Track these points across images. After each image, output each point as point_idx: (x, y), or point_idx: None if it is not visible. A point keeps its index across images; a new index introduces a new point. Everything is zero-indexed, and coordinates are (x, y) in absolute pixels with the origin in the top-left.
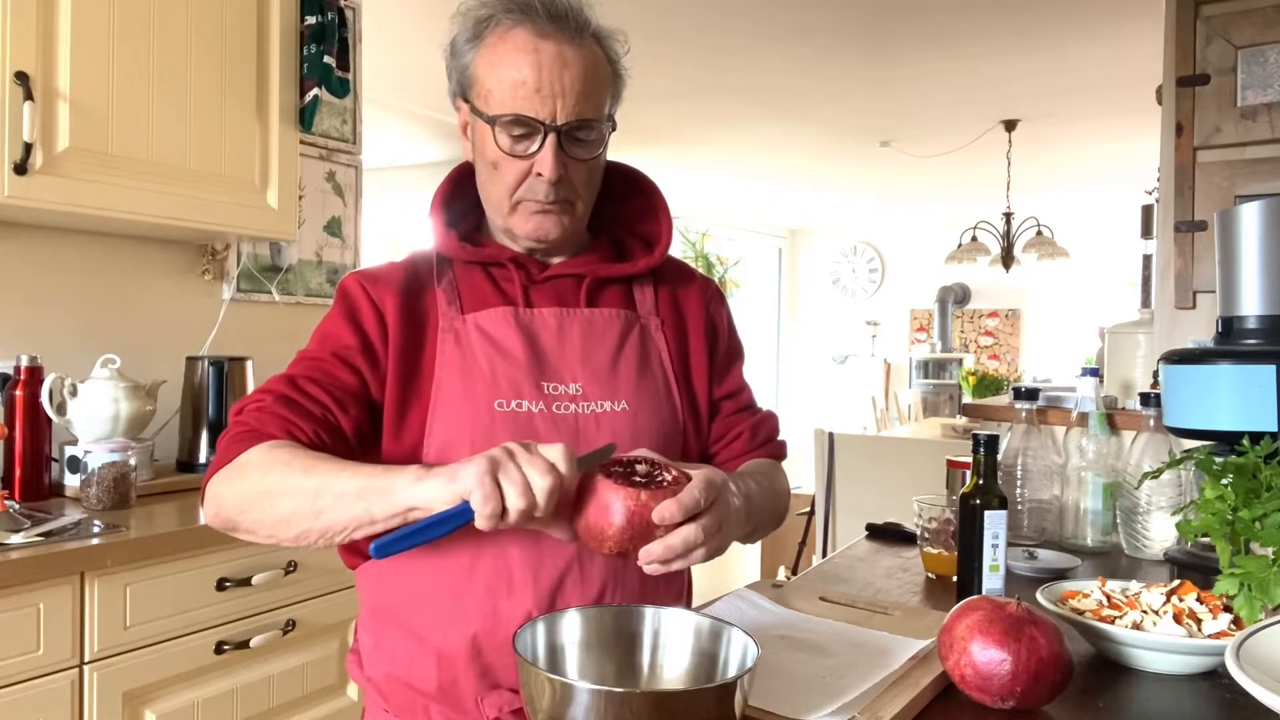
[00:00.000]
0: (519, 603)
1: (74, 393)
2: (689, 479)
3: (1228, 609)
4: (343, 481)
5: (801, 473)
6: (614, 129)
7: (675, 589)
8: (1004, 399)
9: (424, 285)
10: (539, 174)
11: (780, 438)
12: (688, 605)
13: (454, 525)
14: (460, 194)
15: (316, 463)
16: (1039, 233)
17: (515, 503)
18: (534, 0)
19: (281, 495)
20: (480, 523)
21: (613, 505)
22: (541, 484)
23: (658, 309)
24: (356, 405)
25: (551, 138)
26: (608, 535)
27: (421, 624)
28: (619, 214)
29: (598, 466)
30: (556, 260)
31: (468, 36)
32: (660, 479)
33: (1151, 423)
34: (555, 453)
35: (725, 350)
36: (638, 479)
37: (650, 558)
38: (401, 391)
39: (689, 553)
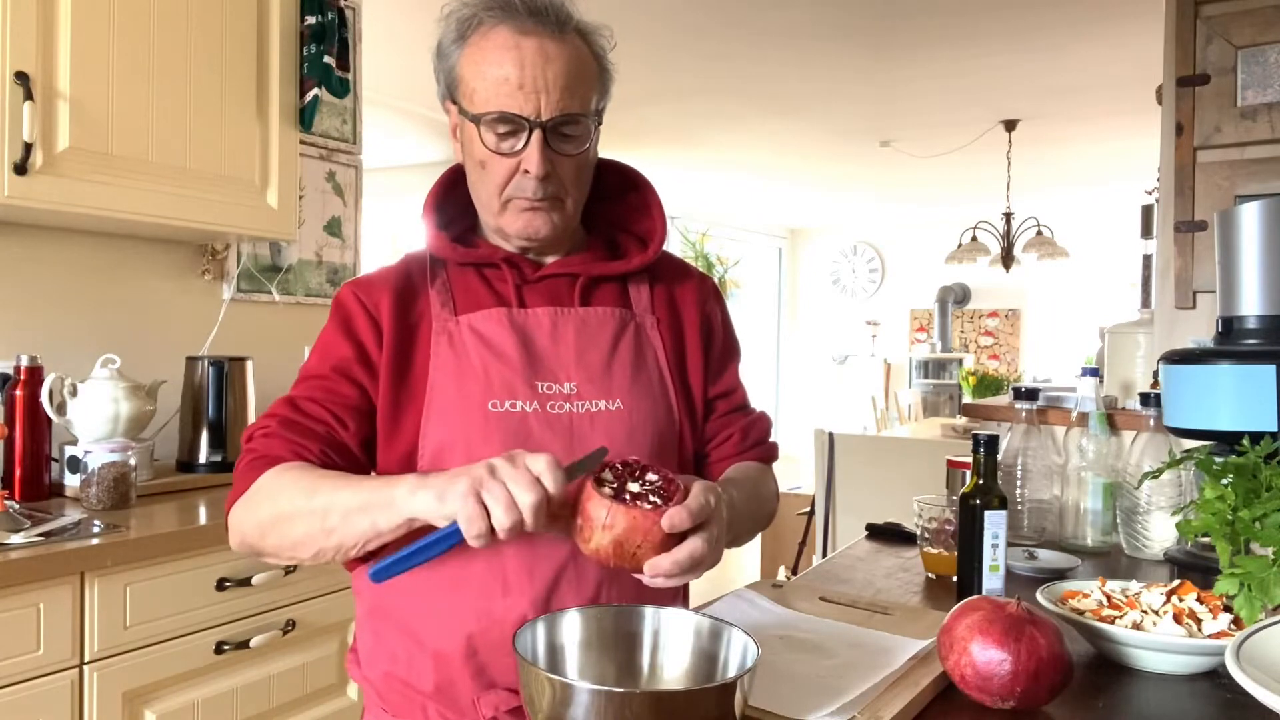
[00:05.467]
0: (514, 603)
1: (74, 393)
2: (683, 486)
3: (1228, 609)
4: (346, 498)
5: (801, 473)
6: (597, 123)
7: (672, 589)
8: (1004, 399)
9: (418, 288)
10: (526, 171)
11: (771, 440)
12: (685, 605)
13: (446, 546)
14: (453, 196)
15: (320, 482)
16: (1039, 233)
17: (501, 520)
18: None
19: (294, 519)
20: (471, 543)
21: (600, 520)
22: (526, 500)
23: (654, 307)
24: (359, 418)
25: (537, 134)
26: (600, 552)
27: (418, 624)
28: (613, 212)
29: (590, 475)
30: (550, 260)
31: (452, 38)
32: (656, 488)
33: (1151, 423)
34: (540, 464)
35: (720, 349)
36: (633, 487)
37: (657, 571)
38: (395, 394)
39: (695, 567)
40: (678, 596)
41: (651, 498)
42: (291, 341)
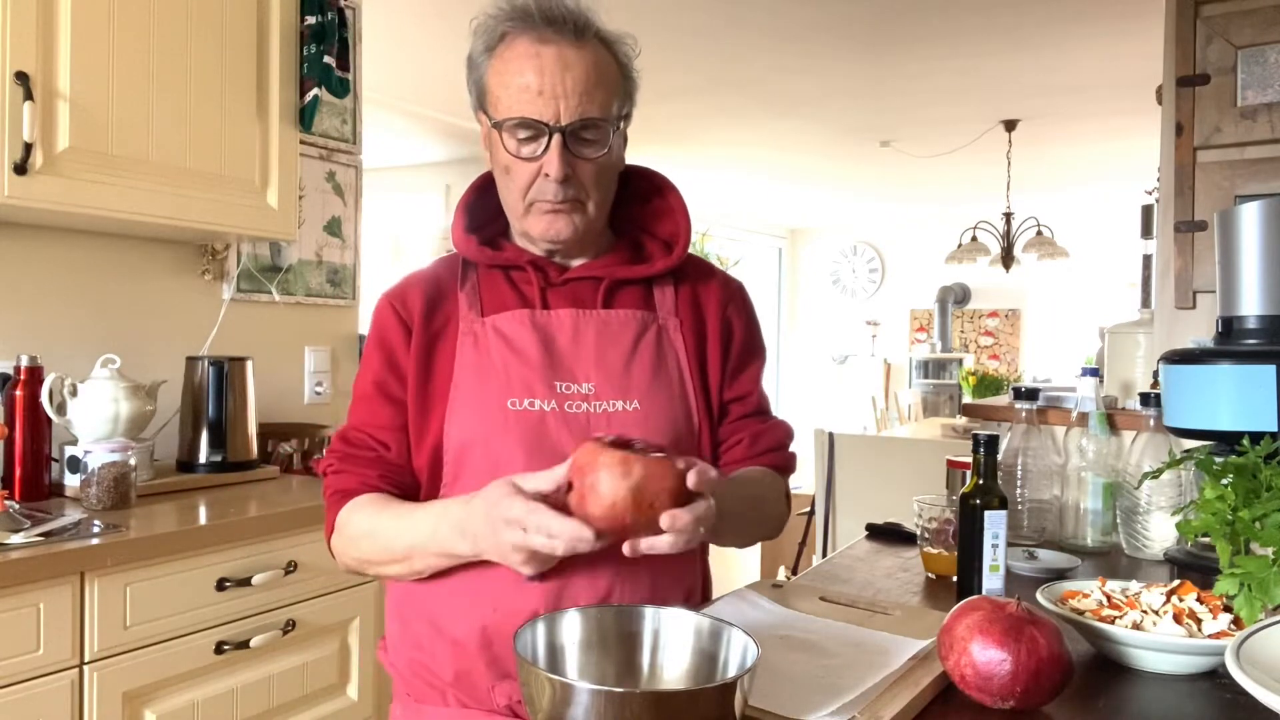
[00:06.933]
0: (527, 597)
1: (74, 393)
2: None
3: (1228, 609)
4: (423, 539)
5: (801, 473)
6: (618, 128)
7: (685, 587)
8: (1004, 399)
9: (447, 290)
10: (546, 175)
11: (790, 450)
12: (701, 604)
13: None
14: (484, 201)
15: (398, 524)
16: (1039, 233)
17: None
18: (532, 9)
19: (385, 563)
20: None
21: (616, 470)
22: (566, 536)
23: (677, 309)
24: (399, 435)
25: (556, 138)
26: (617, 506)
27: (439, 613)
28: (639, 215)
29: (594, 440)
30: (576, 263)
31: (480, 50)
32: (654, 447)
33: (1151, 423)
34: (561, 527)
35: (739, 352)
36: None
37: (676, 522)
38: (423, 393)
39: (702, 526)
40: (695, 594)
41: (654, 454)
42: (291, 341)
